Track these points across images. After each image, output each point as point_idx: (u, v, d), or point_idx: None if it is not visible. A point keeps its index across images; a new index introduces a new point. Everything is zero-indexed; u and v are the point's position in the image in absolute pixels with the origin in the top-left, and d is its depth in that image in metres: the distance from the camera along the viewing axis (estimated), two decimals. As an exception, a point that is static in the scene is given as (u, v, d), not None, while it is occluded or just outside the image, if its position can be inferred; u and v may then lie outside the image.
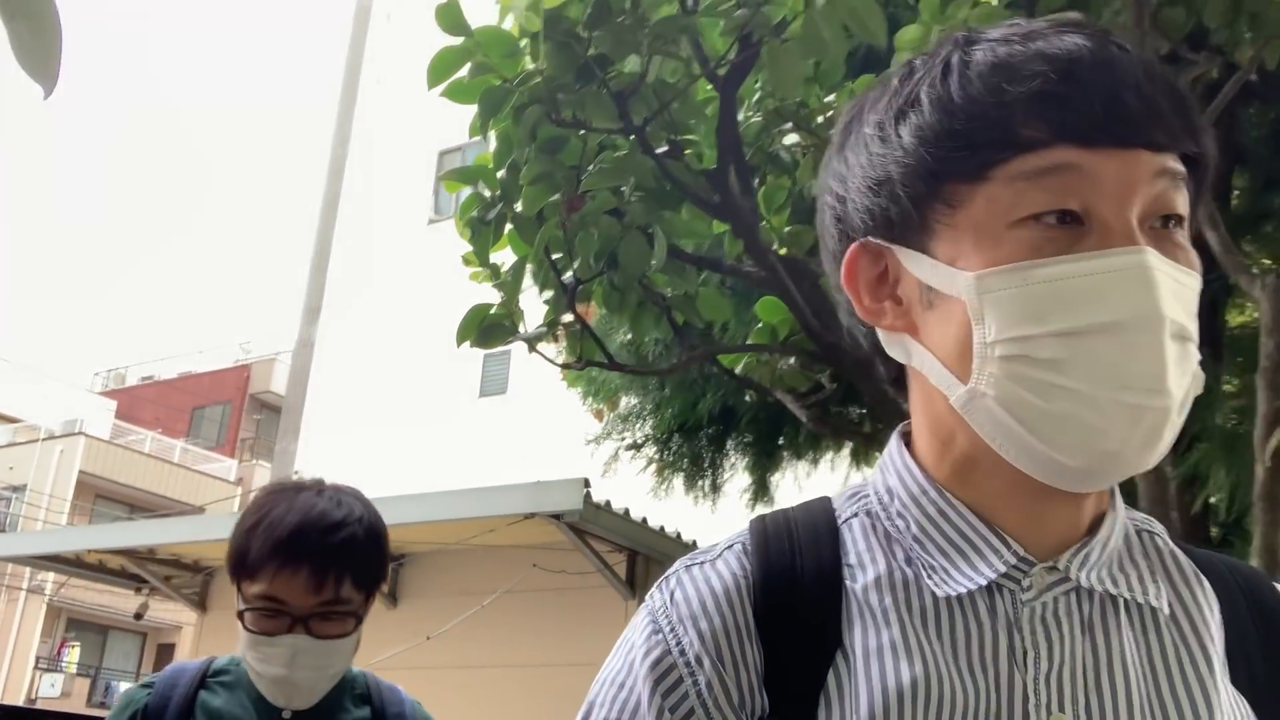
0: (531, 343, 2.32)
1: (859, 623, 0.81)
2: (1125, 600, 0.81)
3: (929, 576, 0.81)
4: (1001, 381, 0.74)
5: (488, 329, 2.27)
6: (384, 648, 6.03)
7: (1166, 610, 0.82)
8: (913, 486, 0.84)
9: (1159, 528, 0.89)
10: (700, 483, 5.99)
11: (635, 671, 0.83)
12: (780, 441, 5.67)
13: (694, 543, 7.74)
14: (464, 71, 2.14)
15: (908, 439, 0.88)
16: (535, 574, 7.06)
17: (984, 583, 0.79)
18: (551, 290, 2.33)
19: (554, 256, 2.27)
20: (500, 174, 2.23)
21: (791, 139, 2.94)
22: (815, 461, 5.97)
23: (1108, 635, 0.80)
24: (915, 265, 0.79)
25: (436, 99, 2.22)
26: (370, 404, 15.62)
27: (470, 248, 2.36)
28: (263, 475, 24.50)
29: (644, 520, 7.04)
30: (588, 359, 2.30)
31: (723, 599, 0.83)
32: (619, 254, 2.25)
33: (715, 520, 6.62)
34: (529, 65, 1.94)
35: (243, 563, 1.65)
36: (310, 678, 1.64)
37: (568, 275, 2.30)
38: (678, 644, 0.82)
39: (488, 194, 2.27)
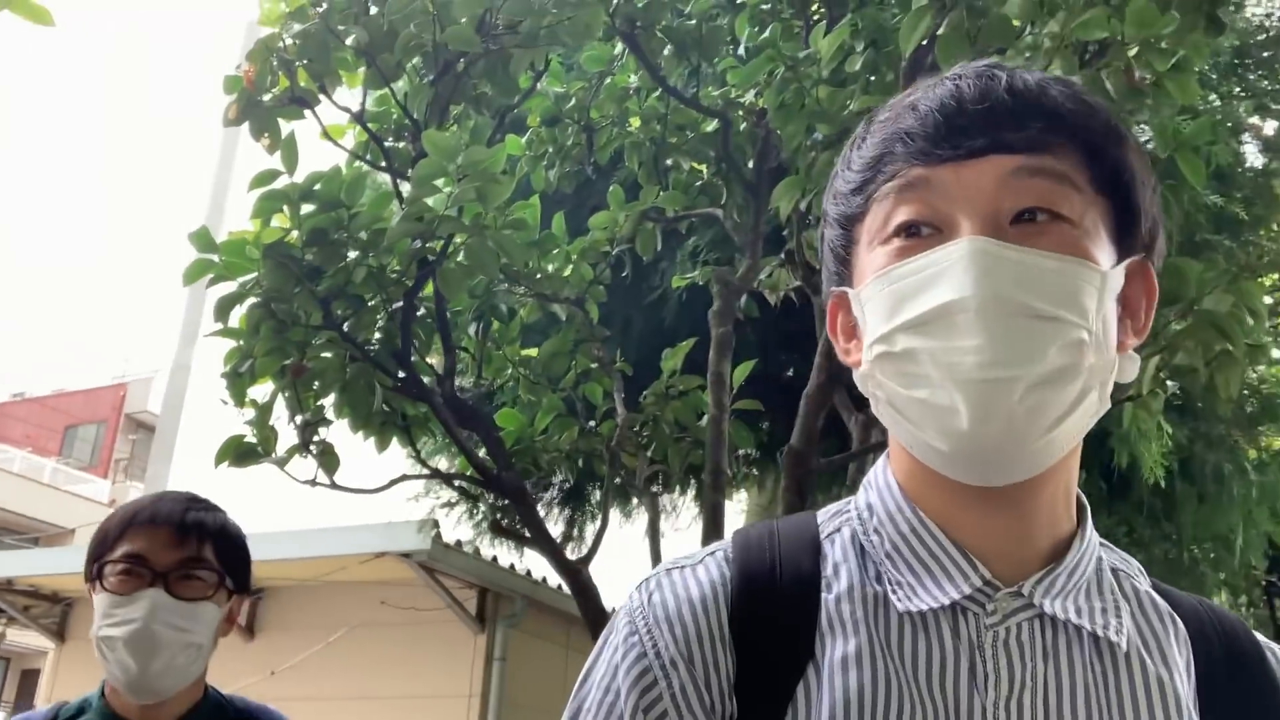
0: (280, 464, 3.13)
1: (829, 635, 0.84)
2: (1086, 632, 0.84)
3: (894, 592, 0.85)
4: (879, 379, 0.84)
5: (242, 453, 3.07)
6: (241, 679, 6.72)
7: (1124, 646, 0.85)
8: (890, 504, 0.90)
9: (1136, 568, 0.94)
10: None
11: (618, 674, 0.86)
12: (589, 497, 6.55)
13: (544, 579, 8.51)
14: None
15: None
16: (388, 609, 7.69)
17: (948, 602, 0.83)
18: (299, 419, 3.14)
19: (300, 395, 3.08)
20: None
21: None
22: (628, 514, 6.91)
23: (1071, 664, 0.83)
24: (852, 300, 0.90)
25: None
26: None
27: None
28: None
29: (494, 559, 7.74)
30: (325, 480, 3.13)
31: (699, 604, 0.87)
32: (345, 396, 3.08)
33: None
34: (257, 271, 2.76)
35: (103, 542, 1.67)
36: (169, 637, 1.61)
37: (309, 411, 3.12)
38: (653, 645, 0.85)
39: (244, 346, 3.08)
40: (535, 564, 8.29)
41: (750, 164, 3.79)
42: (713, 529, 3.12)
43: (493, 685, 8.23)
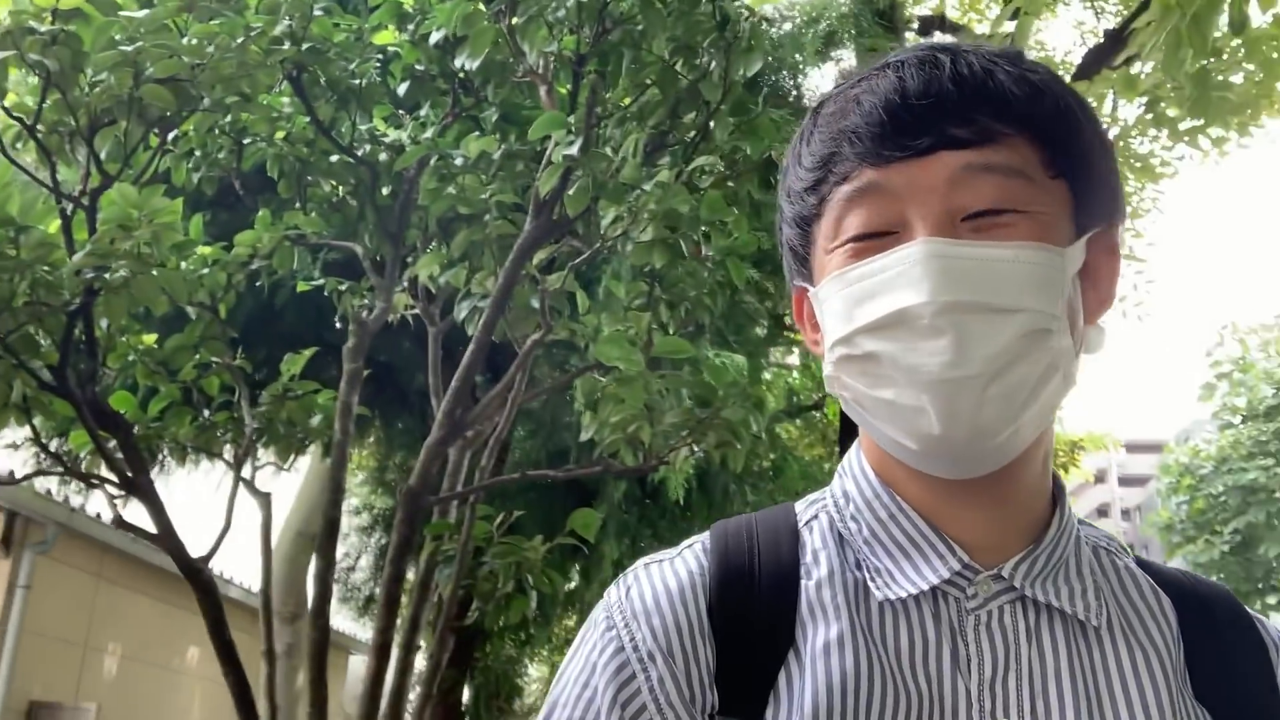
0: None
1: (810, 622, 0.86)
2: (1068, 614, 0.87)
3: (873, 580, 0.87)
4: (844, 380, 0.87)
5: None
6: None
7: (1104, 627, 0.88)
8: (867, 490, 0.92)
9: (1116, 545, 0.97)
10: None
11: (595, 669, 0.88)
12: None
13: (81, 507, 8.44)
14: None
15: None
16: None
17: (926, 587, 0.86)
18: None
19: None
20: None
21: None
22: (196, 463, 7.21)
23: (1055, 645, 0.86)
24: (812, 298, 0.92)
25: None
26: None
27: None
28: None
29: (30, 482, 7.64)
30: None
31: (676, 596, 0.88)
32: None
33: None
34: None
35: None
36: None
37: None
38: (631, 639, 0.87)
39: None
40: (74, 493, 8.23)
41: (386, 191, 4.34)
42: (328, 541, 3.75)
43: (13, 613, 8.16)
